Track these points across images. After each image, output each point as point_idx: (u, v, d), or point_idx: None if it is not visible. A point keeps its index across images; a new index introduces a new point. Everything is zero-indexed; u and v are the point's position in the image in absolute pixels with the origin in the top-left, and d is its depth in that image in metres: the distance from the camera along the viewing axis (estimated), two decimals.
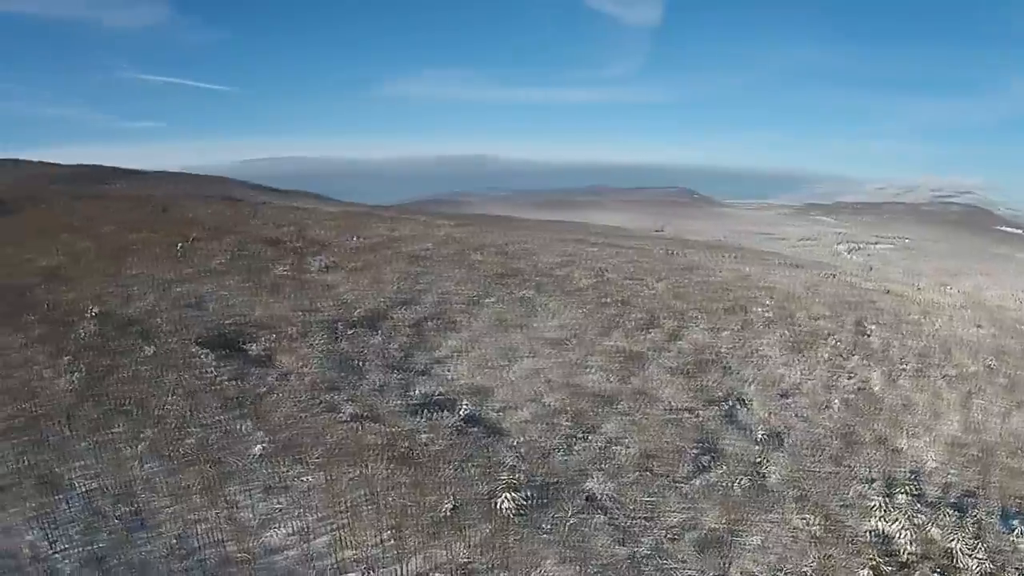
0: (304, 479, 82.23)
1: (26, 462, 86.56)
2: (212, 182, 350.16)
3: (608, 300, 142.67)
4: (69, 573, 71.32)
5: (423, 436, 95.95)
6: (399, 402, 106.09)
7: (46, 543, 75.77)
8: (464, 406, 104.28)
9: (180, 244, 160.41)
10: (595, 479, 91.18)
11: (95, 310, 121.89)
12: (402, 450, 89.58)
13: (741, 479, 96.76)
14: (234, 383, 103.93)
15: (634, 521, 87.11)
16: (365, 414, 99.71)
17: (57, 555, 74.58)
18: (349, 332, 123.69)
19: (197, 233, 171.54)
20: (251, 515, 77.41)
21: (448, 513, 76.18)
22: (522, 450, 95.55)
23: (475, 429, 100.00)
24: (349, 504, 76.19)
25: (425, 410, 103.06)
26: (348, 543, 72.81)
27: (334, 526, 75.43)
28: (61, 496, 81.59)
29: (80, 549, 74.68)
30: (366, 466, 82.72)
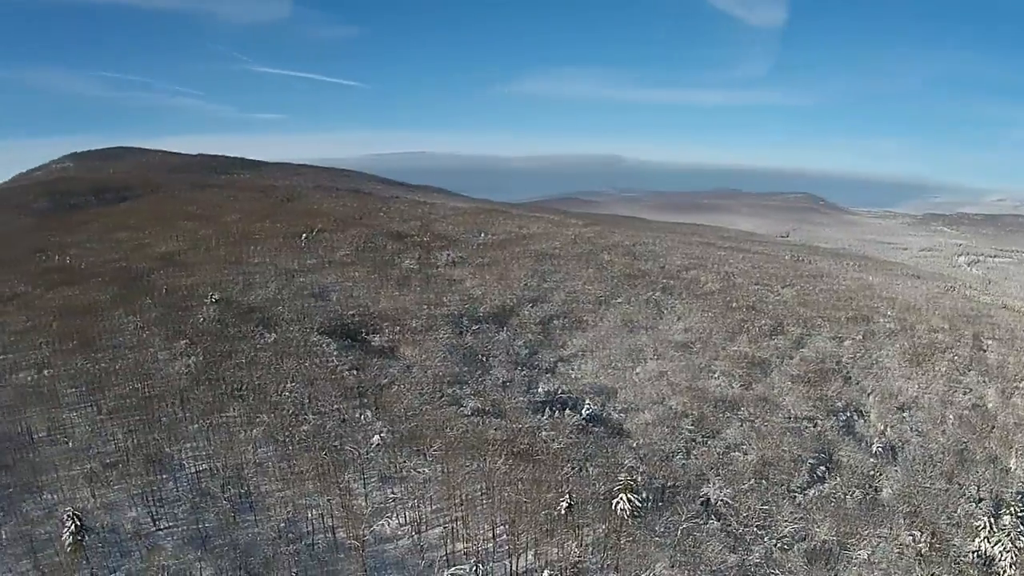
0: (422, 470, 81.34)
1: (135, 440, 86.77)
2: (339, 175, 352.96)
3: (735, 305, 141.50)
4: (171, 550, 70.82)
5: (545, 433, 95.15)
6: (523, 399, 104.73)
7: (149, 520, 75.44)
8: (587, 405, 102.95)
9: (304, 235, 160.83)
10: (712, 484, 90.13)
11: (215, 296, 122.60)
12: (523, 446, 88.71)
13: (855, 491, 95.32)
14: (354, 373, 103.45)
15: (747, 528, 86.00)
16: (488, 409, 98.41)
17: (160, 532, 74.19)
18: (475, 327, 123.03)
19: (323, 224, 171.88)
20: (365, 503, 76.65)
21: (564, 511, 75.87)
22: (642, 452, 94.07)
23: (597, 429, 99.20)
24: (465, 497, 74.87)
25: (548, 408, 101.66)
26: (461, 536, 70.96)
27: (448, 518, 74.30)
28: (168, 475, 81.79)
29: (184, 528, 74.17)
30: (485, 461, 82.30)
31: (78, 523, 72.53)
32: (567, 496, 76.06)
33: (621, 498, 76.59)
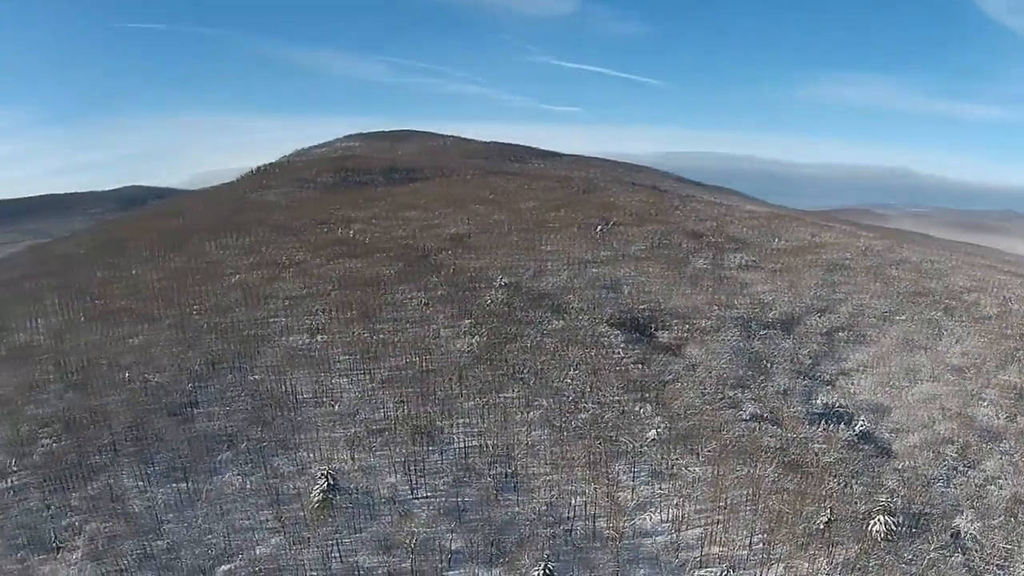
0: (692, 470, 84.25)
1: (405, 411, 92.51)
2: (634, 170, 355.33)
3: (1009, 332, 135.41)
4: (424, 518, 76.14)
5: (816, 446, 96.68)
6: (800, 408, 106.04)
7: (407, 488, 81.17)
8: (861, 422, 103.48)
9: (599, 227, 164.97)
10: (964, 516, 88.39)
11: (504, 280, 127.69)
12: (794, 456, 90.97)
13: None
14: (639, 367, 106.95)
15: (988, 566, 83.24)
16: (765, 415, 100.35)
17: (416, 500, 79.85)
18: (761, 332, 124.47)
19: (618, 218, 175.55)
20: (631, 496, 79.96)
21: (821, 526, 77.49)
22: (906, 475, 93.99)
23: (867, 446, 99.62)
24: (729, 502, 77.41)
25: (823, 420, 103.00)
26: (718, 540, 73.62)
27: (709, 520, 76.83)
28: (435, 448, 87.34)
29: (443, 499, 79.46)
30: (755, 467, 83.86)
31: (331, 482, 79.72)
32: (827, 511, 77.02)
33: (878, 520, 76.96)
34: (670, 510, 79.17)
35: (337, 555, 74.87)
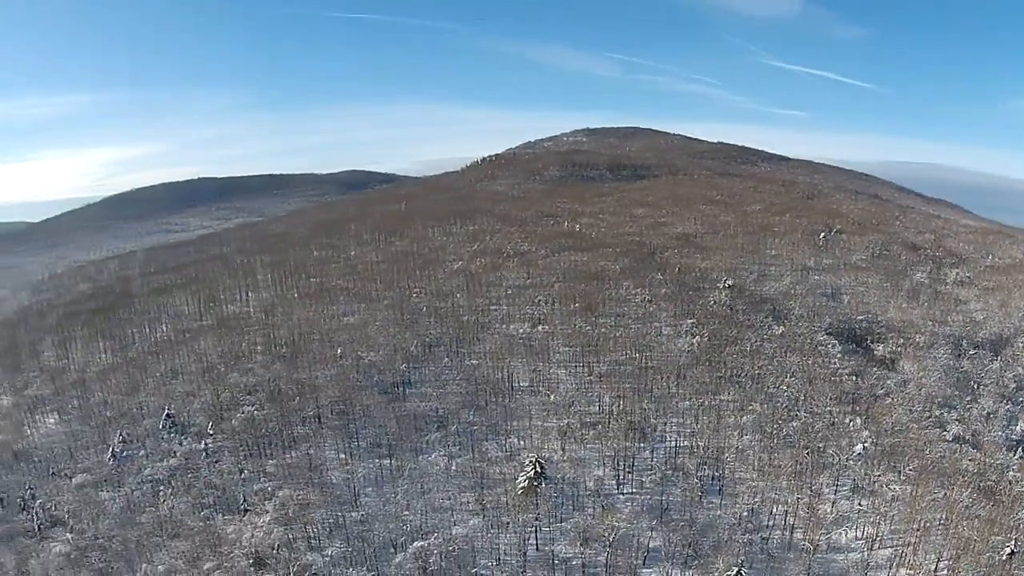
0: (892, 488, 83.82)
1: (620, 406, 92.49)
2: (857, 178, 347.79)
3: None
4: (626, 514, 76.35)
5: (1012, 474, 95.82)
6: (1000, 433, 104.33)
7: (614, 482, 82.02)
8: None
9: (823, 234, 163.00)
10: None
11: (728, 282, 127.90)
12: (989, 483, 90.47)
13: None
14: (853, 379, 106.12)
15: None
16: (967, 438, 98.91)
17: (621, 495, 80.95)
18: (971, 352, 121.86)
19: (841, 225, 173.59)
20: (830, 510, 79.82)
21: (1004, 557, 75.99)
22: None
23: None
24: (922, 525, 77.52)
25: (1021, 448, 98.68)
26: (908, 562, 73.04)
27: (901, 542, 76.39)
28: (646, 445, 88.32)
29: (647, 496, 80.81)
30: (951, 490, 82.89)
31: (538, 470, 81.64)
32: (1013, 542, 75.00)
33: None
34: (866, 527, 79.02)
35: (534, 542, 77.15)
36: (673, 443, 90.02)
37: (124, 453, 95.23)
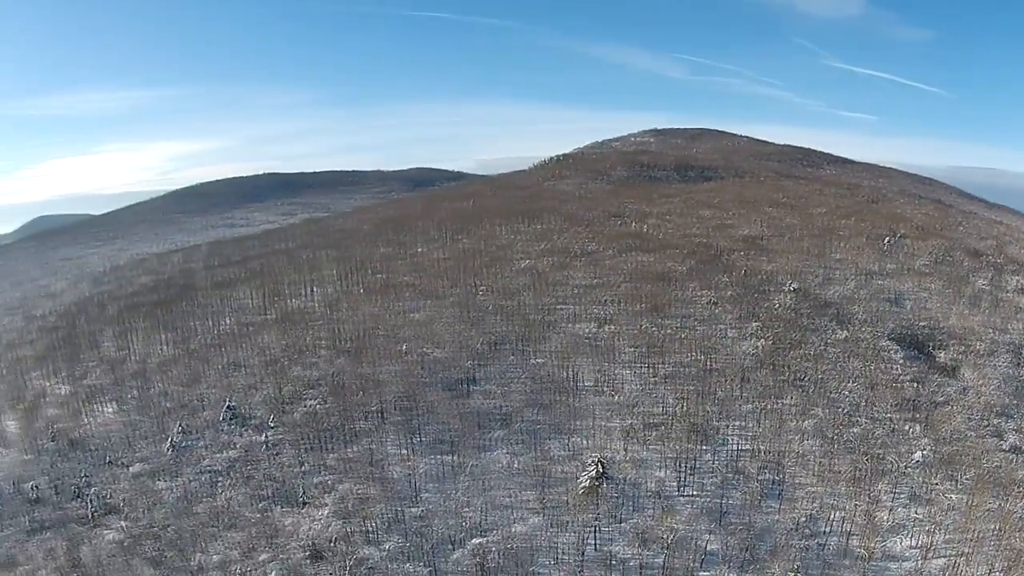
0: (949, 497, 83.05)
1: (683, 408, 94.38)
2: (921, 182, 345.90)
3: None
4: (685, 516, 77.71)
5: None
6: None
7: (675, 484, 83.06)
8: None
9: (887, 238, 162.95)
10: None
11: (793, 285, 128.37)
12: None
13: None
14: (913, 385, 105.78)
15: None
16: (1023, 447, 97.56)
17: (681, 497, 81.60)
18: None
19: (905, 230, 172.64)
20: (887, 517, 79.73)
21: None
22: None
23: None
24: (977, 535, 76.11)
25: None
26: (960, 573, 72.83)
27: (955, 552, 75.87)
28: (708, 447, 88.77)
29: (707, 499, 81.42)
30: (1007, 500, 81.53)
31: (601, 470, 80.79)
32: None
33: None
34: (921, 536, 77.09)
35: (593, 542, 75.91)
36: (735, 446, 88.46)
37: (183, 444, 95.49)
